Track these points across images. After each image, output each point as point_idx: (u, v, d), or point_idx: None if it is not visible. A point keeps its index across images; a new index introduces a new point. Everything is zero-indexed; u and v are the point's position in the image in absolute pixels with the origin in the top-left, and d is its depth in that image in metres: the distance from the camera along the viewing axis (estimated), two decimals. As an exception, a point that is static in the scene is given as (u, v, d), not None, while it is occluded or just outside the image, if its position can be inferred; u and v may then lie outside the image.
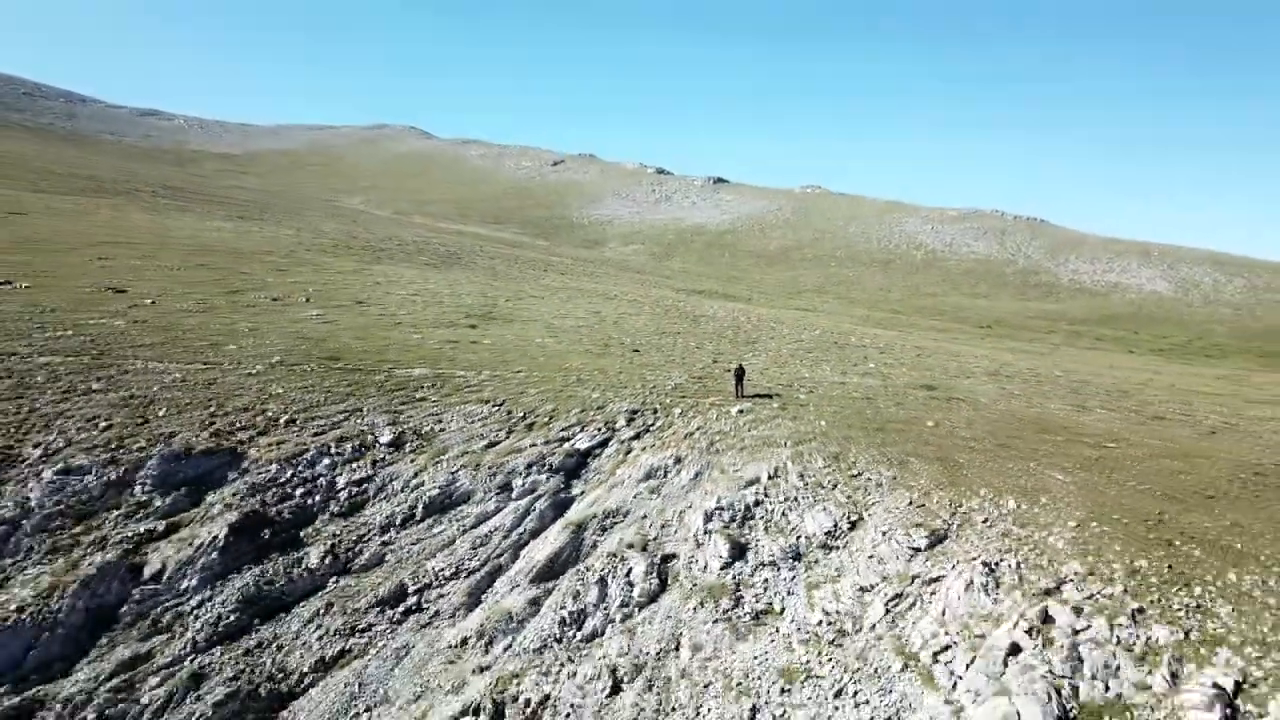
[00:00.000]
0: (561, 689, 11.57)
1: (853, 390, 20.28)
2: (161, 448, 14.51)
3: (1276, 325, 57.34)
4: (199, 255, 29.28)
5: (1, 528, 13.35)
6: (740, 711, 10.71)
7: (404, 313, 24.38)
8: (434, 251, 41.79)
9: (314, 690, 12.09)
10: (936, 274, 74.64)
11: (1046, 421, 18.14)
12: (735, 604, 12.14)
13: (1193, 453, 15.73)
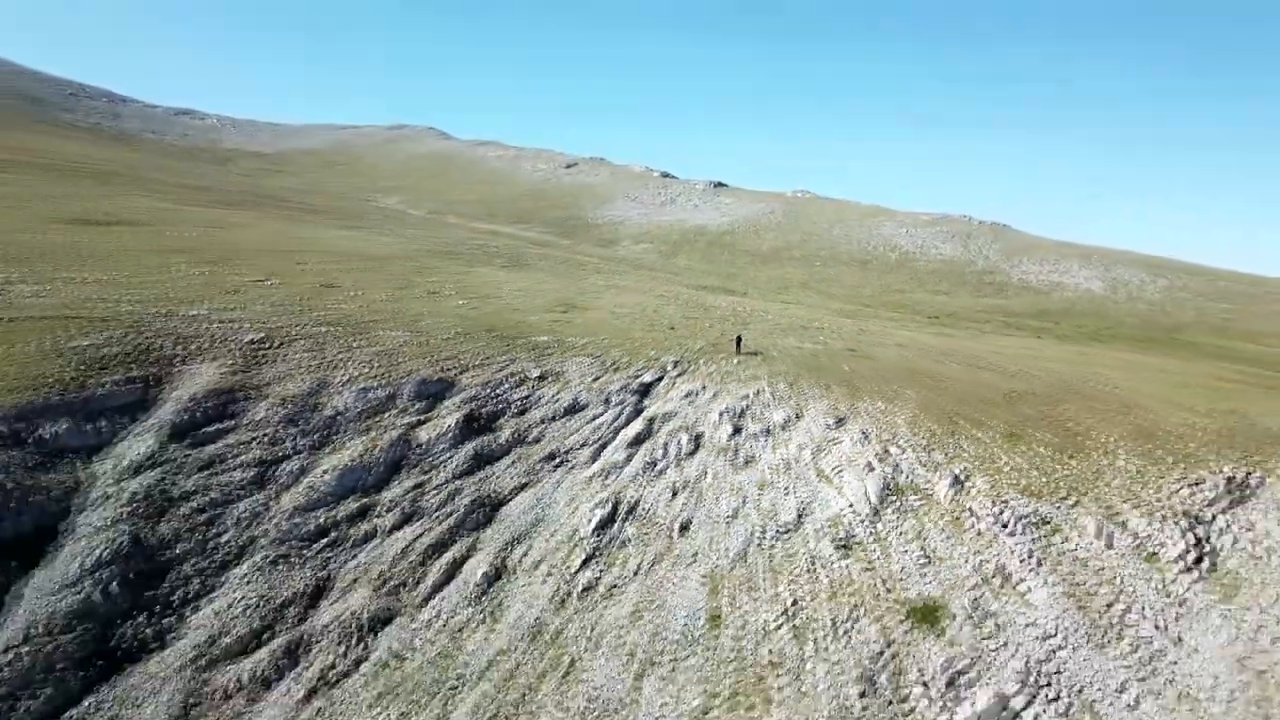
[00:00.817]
0: (644, 495, 21.97)
1: (806, 352, 30.70)
2: (412, 376, 24.95)
3: (1180, 320, 67.62)
4: (351, 260, 39.69)
5: (334, 417, 23.75)
6: (737, 502, 21.11)
7: (517, 303, 34.89)
8: (502, 255, 52.07)
9: (515, 500, 22.51)
10: (906, 273, 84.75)
11: (916, 370, 28.53)
12: (734, 455, 22.56)
13: (991, 385, 26.15)
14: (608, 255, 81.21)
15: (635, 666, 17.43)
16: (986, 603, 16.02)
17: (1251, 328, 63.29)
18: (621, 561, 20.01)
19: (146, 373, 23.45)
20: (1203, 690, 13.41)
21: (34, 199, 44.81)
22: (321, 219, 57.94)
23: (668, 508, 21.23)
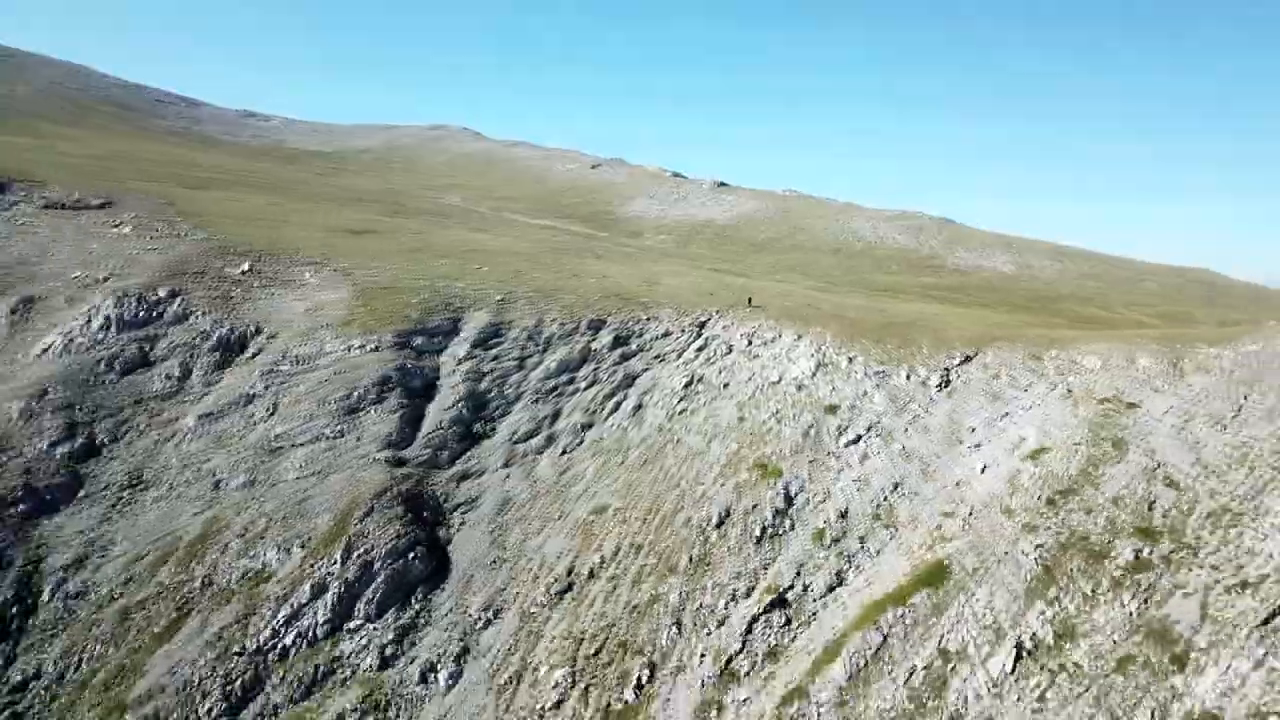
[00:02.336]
0: (705, 372, 42.49)
1: (786, 306, 51.07)
2: (584, 317, 45.49)
3: (1060, 292, 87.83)
4: (506, 254, 60.00)
5: (549, 337, 44.20)
6: (750, 373, 41.58)
7: (618, 279, 55.33)
8: (586, 250, 72.45)
9: (642, 375, 43.06)
10: (868, 259, 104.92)
11: (843, 315, 48.87)
12: (748, 353, 43.01)
13: (879, 322, 46.55)
14: (641, 245, 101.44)
15: (706, 438, 38.08)
16: (860, 402, 36.63)
17: (1108, 298, 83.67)
18: (696, 399, 40.65)
19: (453, 314, 44.06)
20: (937, 430, 33.99)
21: (273, 214, 64.95)
22: (445, 220, 78.19)
23: (716, 377, 41.87)
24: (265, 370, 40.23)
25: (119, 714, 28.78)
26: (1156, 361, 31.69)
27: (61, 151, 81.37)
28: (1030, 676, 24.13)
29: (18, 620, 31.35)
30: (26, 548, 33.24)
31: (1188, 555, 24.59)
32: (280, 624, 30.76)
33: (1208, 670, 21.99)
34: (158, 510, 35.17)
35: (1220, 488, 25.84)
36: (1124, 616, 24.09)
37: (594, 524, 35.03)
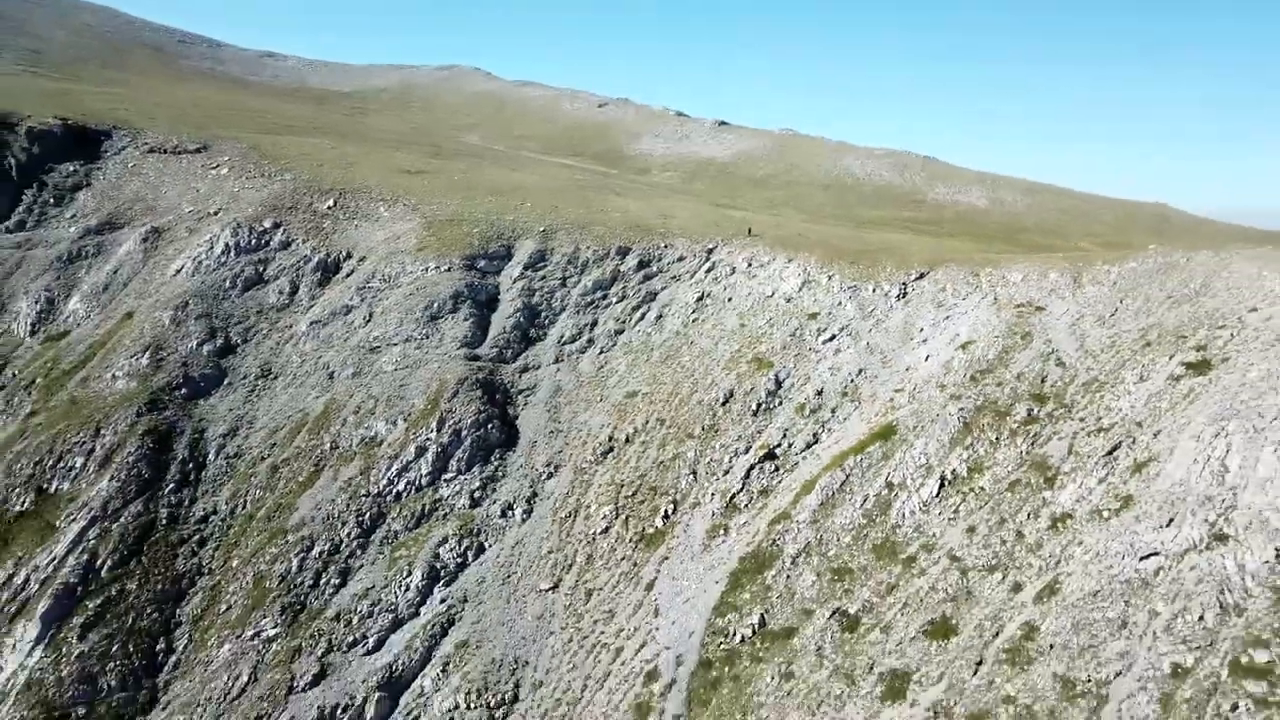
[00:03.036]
0: (713, 290, 50.54)
1: (780, 236, 58.75)
2: (613, 245, 53.38)
3: (1025, 224, 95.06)
4: (539, 191, 67.35)
5: (585, 260, 52.14)
6: (749, 289, 49.66)
7: (637, 212, 62.87)
8: (606, 186, 79.75)
9: (662, 292, 51.17)
10: (855, 194, 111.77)
11: (828, 243, 56.67)
12: (748, 273, 50.89)
13: (855, 248, 54.41)
14: (650, 181, 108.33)
15: (714, 340, 46.38)
16: (835, 310, 44.85)
17: (1067, 230, 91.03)
18: (705, 310, 48.87)
19: (506, 242, 51.98)
20: (894, 330, 42.24)
21: (331, 155, 72.13)
22: (481, 161, 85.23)
23: (722, 293, 50.00)
24: (359, 287, 48.39)
25: (280, 536, 37.81)
26: (1062, 276, 39.77)
27: (134, 99, 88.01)
28: (949, 498, 32.87)
29: (193, 473, 40.20)
30: (191, 422, 41.91)
31: (1064, 412, 33.12)
32: (394, 475, 39.59)
33: (1068, 486, 30.71)
34: (286, 394, 43.76)
35: (1094, 365, 34.23)
36: (1017, 455, 32.73)
37: (627, 404, 43.63)
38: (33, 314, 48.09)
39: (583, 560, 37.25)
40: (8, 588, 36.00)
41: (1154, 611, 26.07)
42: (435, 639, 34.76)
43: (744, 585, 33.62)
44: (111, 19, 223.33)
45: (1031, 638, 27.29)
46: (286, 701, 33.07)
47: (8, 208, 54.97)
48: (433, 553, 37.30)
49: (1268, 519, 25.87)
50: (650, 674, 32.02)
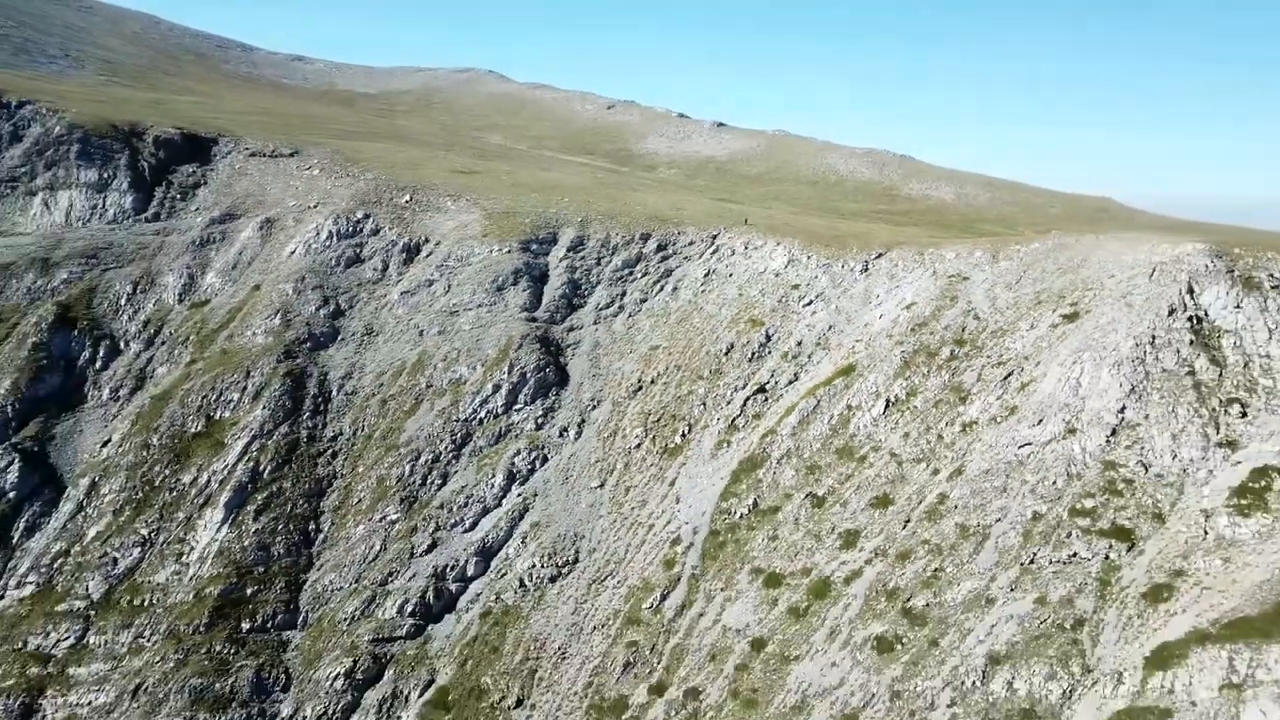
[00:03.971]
0: (716, 267, 60.75)
1: (771, 224, 69.01)
2: (638, 231, 63.61)
3: (984, 216, 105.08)
4: (577, 189, 77.43)
5: (615, 244, 62.39)
6: (747, 265, 59.91)
7: (655, 205, 72.97)
8: (626, 184, 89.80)
9: (678, 269, 61.42)
10: (839, 190, 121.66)
11: (810, 230, 66.87)
12: (745, 254, 61.12)
13: (831, 235, 64.64)
14: (658, 178, 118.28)
15: (719, 306, 56.68)
16: (813, 282, 55.16)
17: (1018, 220, 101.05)
18: (711, 283, 59.15)
19: (551, 230, 62.17)
20: (857, 296, 52.57)
21: (385, 159, 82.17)
22: (519, 162, 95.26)
23: (724, 270, 60.15)
24: (437, 265, 58.64)
25: (394, 450, 48.32)
26: (984, 254, 50.07)
27: (213, 106, 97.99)
28: (892, 414, 43.26)
29: (322, 405, 50.61)
30: (317, 367, 52.28)
31: (976, 351, 43.50)
32: (477, 406, 50.02)
33: (975, 402, 41.13)
34: (387, 347, 54.15)
35: (1000, 318, 44.59)
36: (940, 382, 43.11)
37: (651, 355, 54.04)
38: (179, 286, 58.31)
39: (621, 466, 47.78)
40: (194, 485, 46.53)
41: (1024, 480, 36.64)
42: (515, 521, 45.36)
43: (742, 480, 44.13)
44: (154, 26, 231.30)
45: (943, 503, 37.84)
46: (409, 563, 43.67)
47: (144, 202, 65.06)
48: (509, 461, 47.83)
49: (1101, 416, 36.49)
50: (674, 540, 42.60)
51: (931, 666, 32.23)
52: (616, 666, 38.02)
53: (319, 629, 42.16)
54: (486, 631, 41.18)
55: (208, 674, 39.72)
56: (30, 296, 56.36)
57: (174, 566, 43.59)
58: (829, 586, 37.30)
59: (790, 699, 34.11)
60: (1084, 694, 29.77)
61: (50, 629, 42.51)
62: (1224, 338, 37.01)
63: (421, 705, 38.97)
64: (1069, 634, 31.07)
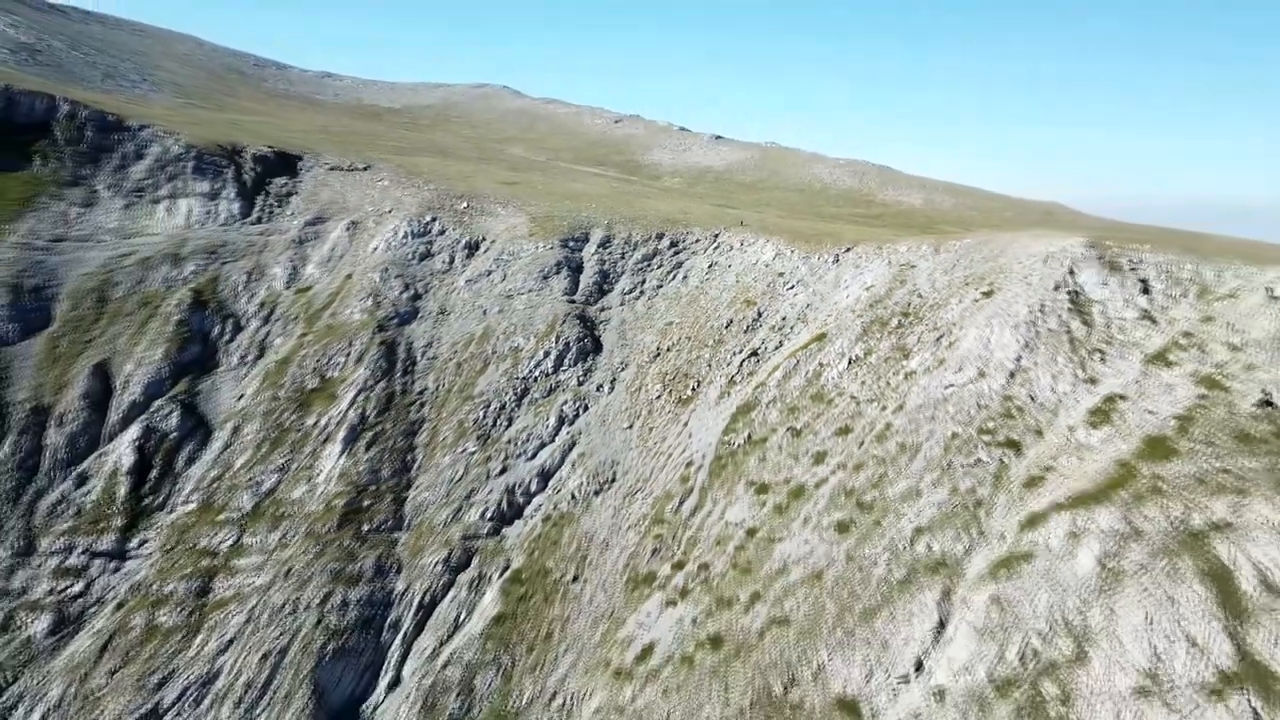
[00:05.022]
0: (718, 259, 71.89)
1: (763, 225, 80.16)
2: (654, 229, 74.69)
3: (947, 219, 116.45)
4: (604, 196, 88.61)
5: (638, 240, 73.50)
6: (742, 258, 71.04)
7: (667, 209, 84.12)
8: (642, 192, 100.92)
9: (686, 261, 72.52)
10: (822, 196, 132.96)
11: (795, 230, 78.01)
12: (740, 250, 72.15)
13: (812, 235, 75.81)
14: (664, 187, 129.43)
15: (720, 290, 67.91)
16: (795, 270, 66.38)
17: (974, 222, 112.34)
18: (714, 273, 70.35)
19: (584, 231, 73.29)
20: (829, 281, 63.78)
21: (434, 170, 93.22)
22: (549, 174, 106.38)
23: (724, 262, 71.27)
24: (494, 258, 69.84)
25: (469, 400, 59.47)
26: (929, 247, 61.32)
27: (277, 124, 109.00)
28: (853, 368, 54.45)
29: (410, 367, 61.74)
30: (404, 338, 63.42)
31: (917, 320, 54.72)
32: (531, 367, 61.22)
33: (914, 358, 52.34)
34: (458, 323, 65.34)
35: (937, 296, 55.81)
36: (890, 344, 54.33)
37: (666, 329, 65.27)
38: (284, 276, 69.44)
39: (646, 413, 59.04)
40: (316, 427, 57.71)
41: (947, 411, 47.83)
42: (565, 452, 56.62)
43: (738, 420, 55.35)
44: (199, 48, 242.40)
45: (888, 429, 49.05)
46: (486, 483, 54.92)
47: (248, 208, 76.25)
48: (559, 409, 59.09)
49: (1003, 363, 47.74)
50: (688, 464, 53.85)
51: (875, 539, 43.53)
52: (646, 551, 49.30)
53: (419, 531, 53.44)
54: (548, 531, 52.44)
55: (340, 560, 50.95)
56: (166, 284, 67.53)
57: (306, 486, 54.82)
58: (803, 490, 48.58)
59: (774, 566, 45.39)
60: (978, 549, 41.10)
61: (214, 533, 53.73)
62: (1093, 306, 48.37)
63: (501, 583, 50.20)
64: (971, 511, 42.33)
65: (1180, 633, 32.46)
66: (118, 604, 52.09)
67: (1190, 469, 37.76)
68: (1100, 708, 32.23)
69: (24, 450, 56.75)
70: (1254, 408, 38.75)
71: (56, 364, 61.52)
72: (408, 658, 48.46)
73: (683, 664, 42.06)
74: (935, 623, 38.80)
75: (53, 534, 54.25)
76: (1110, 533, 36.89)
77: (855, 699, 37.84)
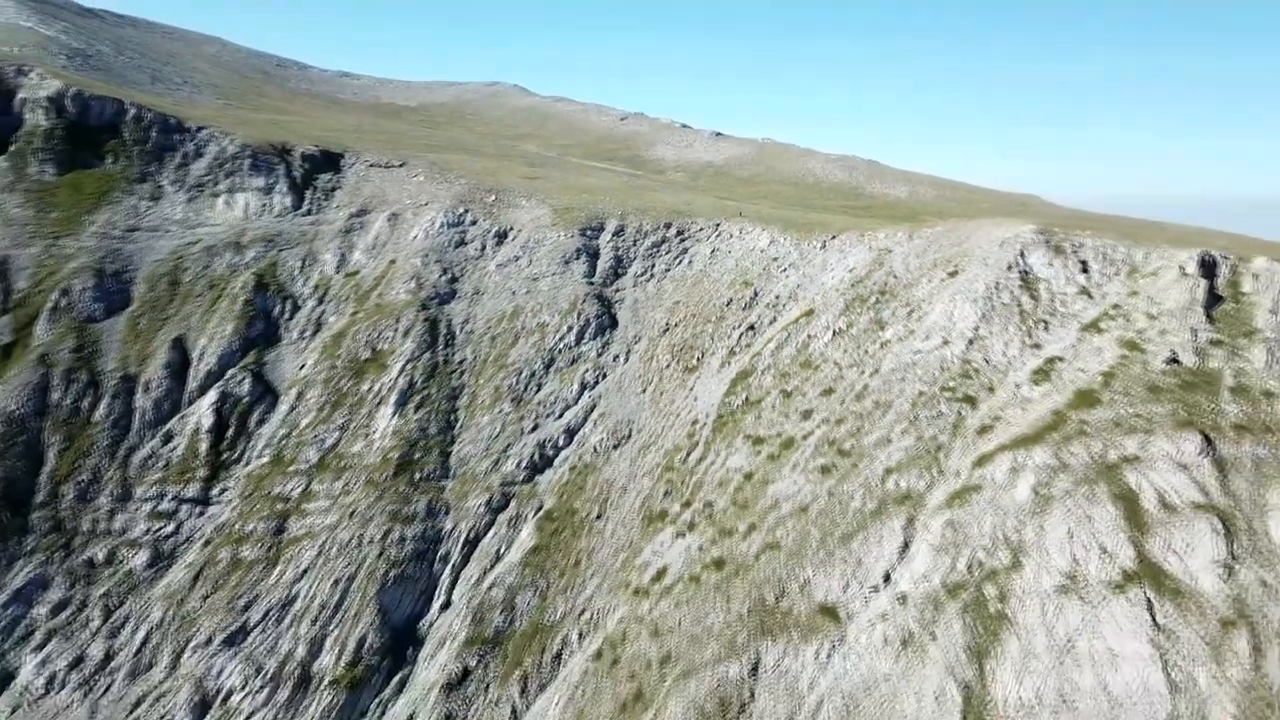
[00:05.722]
0: (720, 246, 78.51)
1: (759, 216, 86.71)
2: (663, 219, 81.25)
3: (928, 210, 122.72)
4: (623, 190, 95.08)
5: (649, 228, 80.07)
6: (740, 245, 77.66)
7: (674, 201, 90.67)
8: (649, 185, 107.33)
9: (691, 247, 79.17)
10: (815, 190, 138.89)
11: (786, 220, 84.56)
12: (739, 238, 78.59)
13: (803, 224, 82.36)
14: (668, 180, 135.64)
15: (721, 272, 74.55)
16: (787, 255, 73.03)
17: (954, 211, 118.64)
18: (716, 258, 76.95)
19: (600, 221, 79.78)
20: (817, 265, 70.42)
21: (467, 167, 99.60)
22: (565, 170, 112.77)
23: (725, 248, 77.81)
24: (521, 245, 76.47)
25: (504, 368, 66.27)
26: (904, 234, 67.90)
27: (313, 124, 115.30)
28: (836, 340, 61.18)
29: (450, 340, 68.48)
30: (444, 315, 70.12)
31: (892, 298, 61.38)
32: (556, 341, 67.95)
33: (889, 329, 59.06)
34: (492, 302, 72.06)
35: (910, 277, 62.40)
36: (868, 318, 60.99)
37: (674, 307, 71.98)
38: (334, 262, 76.10)
39: (657, 380, 65.86)
40: (370, 391, 64.55)
41: (916, 373, 54.58)
42: (587, 413, 63.50)
43: (737, 385, 62.13)
44: (225, 49, 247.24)
45: (865, 389, 55.81)
46: (520, 438, 61.83)
47: (299, 202, 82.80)
48: (581, 376, 65.93)
49: (964, 333, 54.45)
50: (694, 422, 60.68)
51: (852, 478, 50.37)
52: (659, 494, 56.23)
53: (463, 479, 60.39)
54: (574, 478, 59.37)
55: (396, 504, 57.92)
56: (230, 268, 74.25)
57: (363, 442, 61.75)
58: (793, 441, 55.43)
59: (768, 503, 52.28)
60: (938, 484, 47.90)
61: (286, 482, 60.69)
62: (1040, 283, 55.07)
63: (535, 520, 57.18)
64: (932, 454, 49.14)
65: (1095, 543, 39.39)
66: (205, 541, 59.13)
67: (1109, 415, 44.59)
68: (1030, 603, 39.22)
69: (116, 412, 63.64)
70: (1164, 365, 45.59)
71: (139, 339, 68.32)
72: (457, 584, 55.52)
73: (691, 582, 48.99)
74: (900, 543, 45.76)
75: (146, 483, 61.22)
76: (1043, 467, 43.72)
77: (834, 605, 44.73)
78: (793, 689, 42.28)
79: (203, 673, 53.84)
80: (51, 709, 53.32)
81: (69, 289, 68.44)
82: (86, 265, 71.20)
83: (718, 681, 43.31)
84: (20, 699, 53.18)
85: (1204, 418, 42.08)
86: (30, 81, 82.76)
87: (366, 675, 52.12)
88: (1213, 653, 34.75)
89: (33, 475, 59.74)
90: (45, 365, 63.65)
